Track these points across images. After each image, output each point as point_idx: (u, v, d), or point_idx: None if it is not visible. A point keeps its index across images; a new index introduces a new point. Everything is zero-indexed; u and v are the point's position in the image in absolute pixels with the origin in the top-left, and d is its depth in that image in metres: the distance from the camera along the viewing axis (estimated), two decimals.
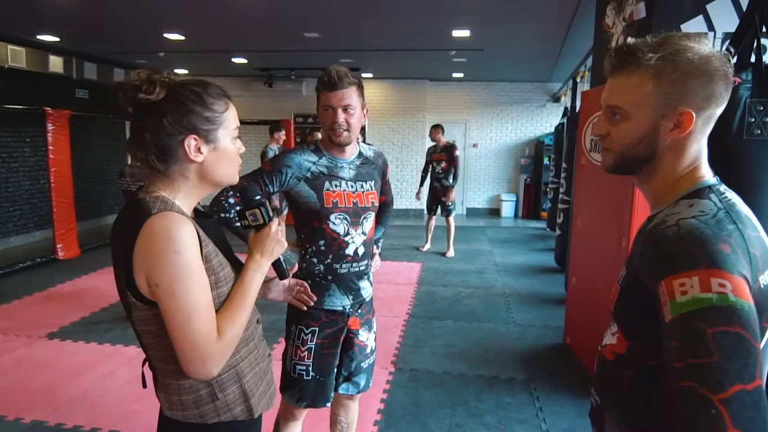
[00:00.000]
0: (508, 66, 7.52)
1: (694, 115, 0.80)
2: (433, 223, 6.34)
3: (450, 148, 5.84)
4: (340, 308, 1.69)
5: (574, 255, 3.50)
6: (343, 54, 6.95)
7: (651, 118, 0.83)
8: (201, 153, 0.95)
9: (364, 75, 8.72)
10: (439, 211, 6.07)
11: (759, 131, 1.63)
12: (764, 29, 1.52)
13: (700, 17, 2.41)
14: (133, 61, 7.77)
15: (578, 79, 5.38)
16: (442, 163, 5.88)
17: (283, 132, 5.87)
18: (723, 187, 0.85)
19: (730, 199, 0.82)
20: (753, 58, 1.63)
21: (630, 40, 0.89)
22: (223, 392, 1.01)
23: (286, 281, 1.47)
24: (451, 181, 5.86)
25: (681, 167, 0.86)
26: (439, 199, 5.98)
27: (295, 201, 1.66)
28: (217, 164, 0.98)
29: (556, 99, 8.72)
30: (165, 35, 5.70)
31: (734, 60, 1.65)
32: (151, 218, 0.88)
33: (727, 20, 2.40)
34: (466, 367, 3.18)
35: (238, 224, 1.65)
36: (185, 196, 0.99)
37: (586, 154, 3.23)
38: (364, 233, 1.71)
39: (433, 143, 6.07)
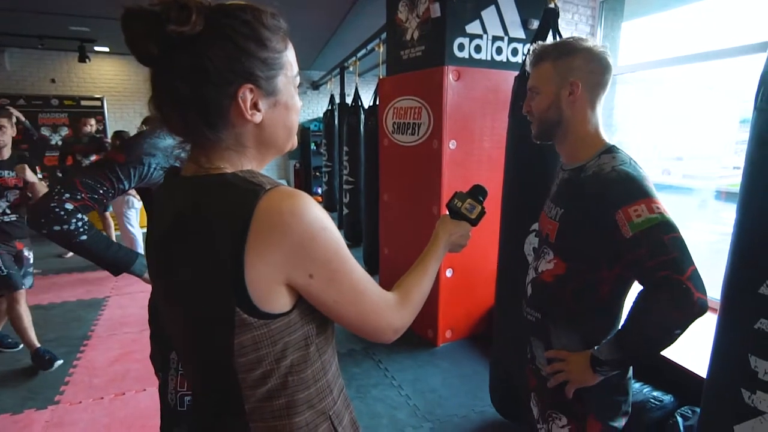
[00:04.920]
0: None
1: (580, 83, 1.14)
2: None
3: None
4: None
5: (384, 227, 3.85)
6: (75, 20, 5.62)
7: (553, 89, 1.17)
8: (258, 110, 0.69)
9: (98, 49, 7.26)
10: None
11: None
12: (556, 35, 2.02)
13: (478, 21, 2.97)
14: None
15: (350, 69, 5.78)
16: None
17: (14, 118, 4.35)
18: (617, 146, 1.19)
19: (626, 153, 1.16)
20: None
21: (539, 43, 1.23)
22: (341, 424, 0.80)
23: None
24: None
25: (586, 131, 1.19)
26: None
27: None
28: (277, 125, 0.72)
29: (315, 87, 9.14)
30: None
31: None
32: (270, 195, 0.63)
33: (494, 25, 3.02)
34: None
35: (85, 237, 1.22)
36: None
37: (389, 135, 3.58)
38: None
39: None
